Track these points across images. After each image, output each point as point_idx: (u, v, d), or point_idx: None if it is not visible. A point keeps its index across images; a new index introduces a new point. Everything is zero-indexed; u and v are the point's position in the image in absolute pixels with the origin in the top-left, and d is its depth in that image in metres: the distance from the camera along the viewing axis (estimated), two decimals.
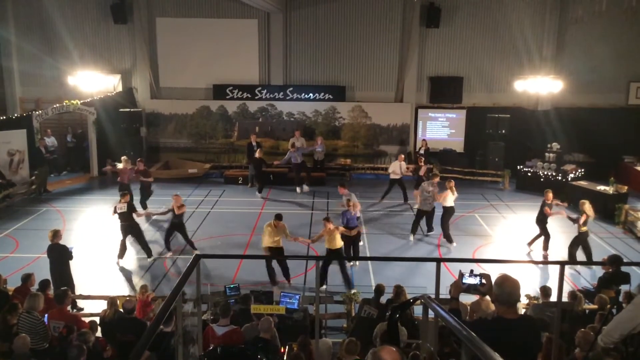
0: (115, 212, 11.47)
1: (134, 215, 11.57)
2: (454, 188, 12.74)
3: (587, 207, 11.13)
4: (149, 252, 11.75)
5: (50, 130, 19.26)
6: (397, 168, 15.79)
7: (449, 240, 12.68)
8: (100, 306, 8.37)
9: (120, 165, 14.95)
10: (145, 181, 14.81)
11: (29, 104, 20.21)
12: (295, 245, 11.38)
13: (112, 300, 7.84)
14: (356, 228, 11.29)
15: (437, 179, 13.39)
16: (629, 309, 3.75)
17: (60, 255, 9.39)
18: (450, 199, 12.68)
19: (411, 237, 13.11)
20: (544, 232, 12.15)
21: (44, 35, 20.07)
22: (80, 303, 9.29)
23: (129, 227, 11.49)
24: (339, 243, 10.51)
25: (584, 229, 11.10)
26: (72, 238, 12.37)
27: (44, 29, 20.03)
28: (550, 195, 11.99)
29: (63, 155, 20.01)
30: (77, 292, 9.41)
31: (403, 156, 16.48)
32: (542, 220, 12.11)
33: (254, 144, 17.88)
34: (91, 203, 15.77)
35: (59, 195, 16.77)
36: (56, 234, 9.51)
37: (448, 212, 12.75)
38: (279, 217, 10.56)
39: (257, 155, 16.99)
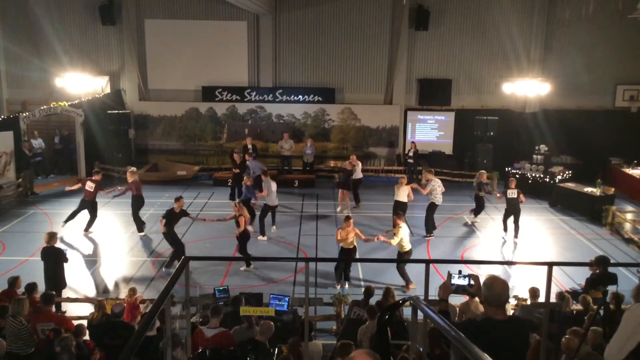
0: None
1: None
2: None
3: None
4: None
5: (37, 132, 19.03)
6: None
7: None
8: (88, 309, 8.29)
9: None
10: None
11: (16, 106, 20.01)
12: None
13: (99, 304, 7.77)
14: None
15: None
16: (626, 327, 3.80)
17: (55, 258, 9.30)
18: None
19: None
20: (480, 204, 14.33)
21: (31, 37, 19.87)
22: (68, 306, 9.20)
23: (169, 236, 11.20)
24: (353, 242, 10.52)
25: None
26: (59, 240, 12.22)
27: (31, 31, 19.83)
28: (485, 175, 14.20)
29: (50, 157, 19.79)
30: (65, 295, 9.32)
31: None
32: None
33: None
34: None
35: (46, 198, 16.62)
36: (52, 237, 9.41)
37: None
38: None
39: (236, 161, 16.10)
